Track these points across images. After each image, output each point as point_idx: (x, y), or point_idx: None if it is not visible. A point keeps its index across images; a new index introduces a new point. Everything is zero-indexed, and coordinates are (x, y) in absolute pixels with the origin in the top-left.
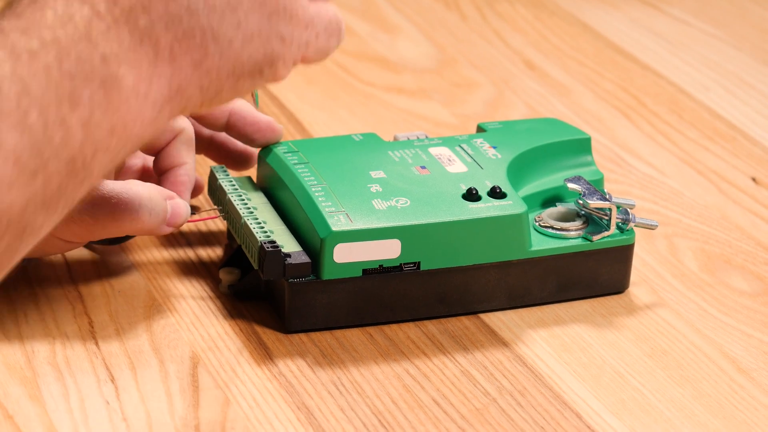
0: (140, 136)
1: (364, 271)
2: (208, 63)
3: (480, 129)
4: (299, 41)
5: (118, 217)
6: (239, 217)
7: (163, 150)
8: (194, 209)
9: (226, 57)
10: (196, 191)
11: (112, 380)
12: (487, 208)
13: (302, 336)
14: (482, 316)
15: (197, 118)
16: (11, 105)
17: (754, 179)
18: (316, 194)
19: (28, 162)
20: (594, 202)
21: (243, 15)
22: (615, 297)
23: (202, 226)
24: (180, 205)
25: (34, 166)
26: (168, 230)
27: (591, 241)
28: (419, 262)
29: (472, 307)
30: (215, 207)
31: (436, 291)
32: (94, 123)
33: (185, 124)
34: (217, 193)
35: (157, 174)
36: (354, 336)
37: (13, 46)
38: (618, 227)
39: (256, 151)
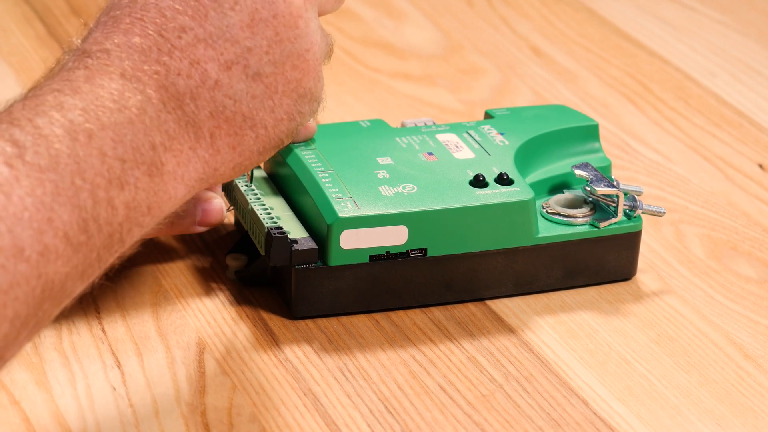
0: (169, 212)
1: (371, 257)
2: (243, 146)
3: (487, 115)
4: (311, 113)
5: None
6: (246, 203)
7: None
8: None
9: (261, 139)
10: None
11: (119, 366)
12: (494, 194)
13: (309, 322)
14: (489, 302)
15: None
16: (66, 184)
17: (760, 166)
18: (323, 180)
19: (75, 237)
20: (601, 189)
21: (278, 100)
22: (622, 284)
23: None
24: (214, 207)
25: (79, 241)
26: (200, 229)
27: (598, 227)
28: (426, 249)
29: (478, 294)
30: (230, 207)
31: (442, 277)
32: (136, 204)
33: None
34: None
35: None
36: (360, 322)
37: (72, 125)
38: (625, 214)
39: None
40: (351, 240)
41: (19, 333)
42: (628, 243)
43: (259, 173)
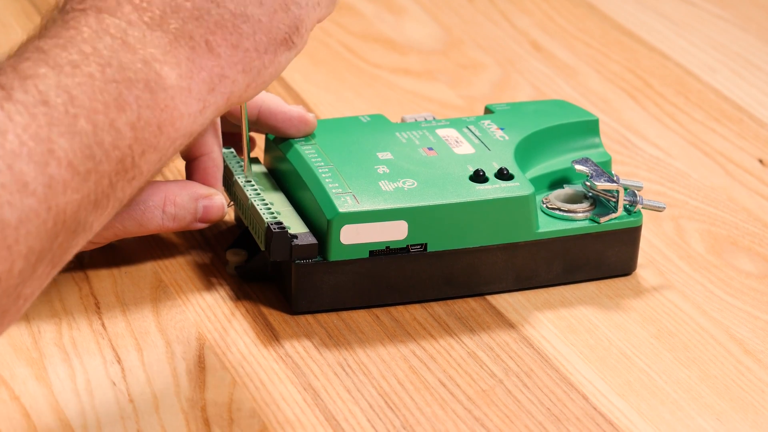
0: (188, 131)
1: (371, 252)
2: (244, 43)
3: (487, 110)
4: (311, 2)
5: (145, 223)
6: (246, 198)
7: None
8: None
9: (260, 33)
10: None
11: (119, 361)
12: (494, 189)
13: (308, 317)
14: (489, 297)
15: (227, 115)
16: (60, 114)
17: (760, 161)
18: (323, 175)
19: (81, 165)
20: (601, 184)
21: None
22: (622, 279)
23: None
24: (215, 203)
25: (86, 168)
26: (200, 226)
27: (598, 223)
28: (426, 244)
29: (478, 289)
30: (230, 203)
31: (442, 272)
32: (142, 123)
33: None
34: (224, 174)
35: (184, 160)
36: (360, 317)
37: (55, 61)
38: (625, 209)
39: (310, 114)
40: (351, 235)
41: (35, 268)
42: (628, 238)
43: (259, 169)
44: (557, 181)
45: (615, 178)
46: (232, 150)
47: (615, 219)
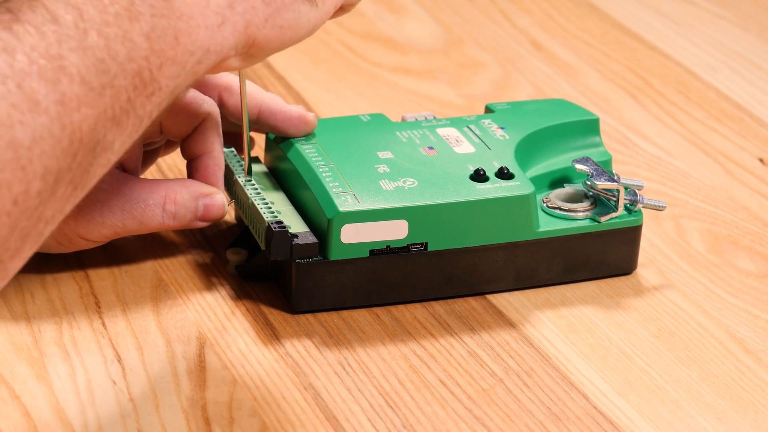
0: (207, 46)
1: (372, 251)
2: None
3: (488, 110)
4: None
5: (145, 222)
6: (247, 197)
7: (190, 137)
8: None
9: None
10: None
11: (119, 360)
12: (494, 188)
13: (309, 316)
14: (489, 296)
15: (228, 114)
16: (69, 29)
17: (761, 160)
18: (324, 175)
19: (95, 80)
20: (602, 183)
21: None
22: (622, 278)
23: None
24: (216, 202)
25: (101, 83)
26: (201, 225)
27: (599, 222)
28: (426, 243)
29: (479, 288)
30: (231, 200)
31: (443, 272)
32: (158, 33)
33: (212, 109)
34: (225, 173)
35: (185, 159)
36: (361, 316)
37: None
38: (626, 208)
39: (310, 114)
40: (351, 234)
41: (55, 189)
42: (629, 237)
43: (259, 168)
44: (558, 180)
45: (615, 178)
46: (233, 149)
47: (615, 218)
